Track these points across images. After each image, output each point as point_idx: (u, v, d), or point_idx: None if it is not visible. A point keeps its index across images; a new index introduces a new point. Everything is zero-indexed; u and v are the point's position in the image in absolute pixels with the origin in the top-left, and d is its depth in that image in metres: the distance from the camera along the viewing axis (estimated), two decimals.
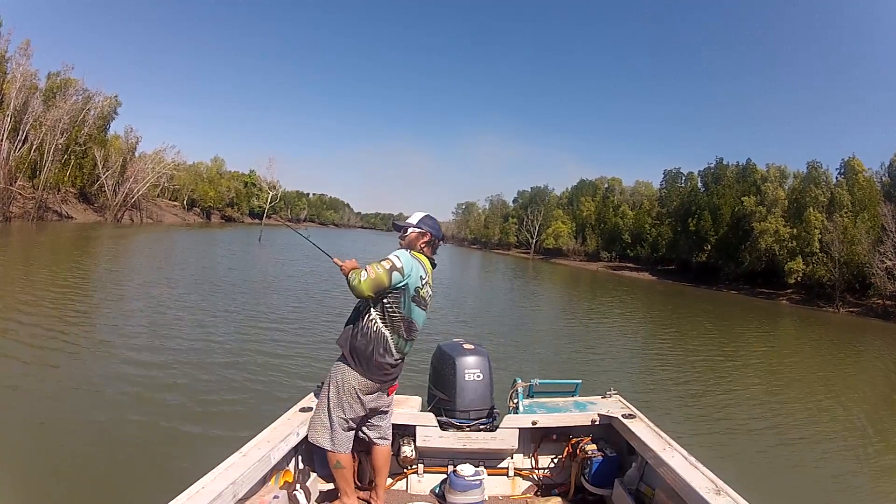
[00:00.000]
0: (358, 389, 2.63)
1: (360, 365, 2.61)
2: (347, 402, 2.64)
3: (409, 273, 2.57)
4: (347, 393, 2.64)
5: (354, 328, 2.65)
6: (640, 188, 73.70)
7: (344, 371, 2.64)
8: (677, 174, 63.24)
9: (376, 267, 2.51)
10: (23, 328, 8.66)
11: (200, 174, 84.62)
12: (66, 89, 48.42)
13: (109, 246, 28.19)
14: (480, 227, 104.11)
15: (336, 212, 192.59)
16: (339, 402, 2.64)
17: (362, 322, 2.63)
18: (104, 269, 18.47)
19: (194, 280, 16.85)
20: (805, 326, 26.44)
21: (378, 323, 2.61)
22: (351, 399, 2.64)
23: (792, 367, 13.79)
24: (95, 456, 4.80)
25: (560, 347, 12.42)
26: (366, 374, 2.62)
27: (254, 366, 7.89)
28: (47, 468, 4.50)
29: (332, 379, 2.68)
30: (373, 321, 2.61)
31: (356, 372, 2.61)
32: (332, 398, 2.65)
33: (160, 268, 19.76)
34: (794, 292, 40.50)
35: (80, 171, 51.13)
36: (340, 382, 2.64)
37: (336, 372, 2.68)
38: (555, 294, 29.80)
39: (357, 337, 2.62)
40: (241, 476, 2.24)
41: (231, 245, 37.37)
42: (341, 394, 2.64)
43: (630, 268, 60.11)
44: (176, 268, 20.00)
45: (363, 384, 2.63)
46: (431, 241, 2.81)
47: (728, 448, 6.65)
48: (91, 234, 35.26)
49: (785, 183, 47.36)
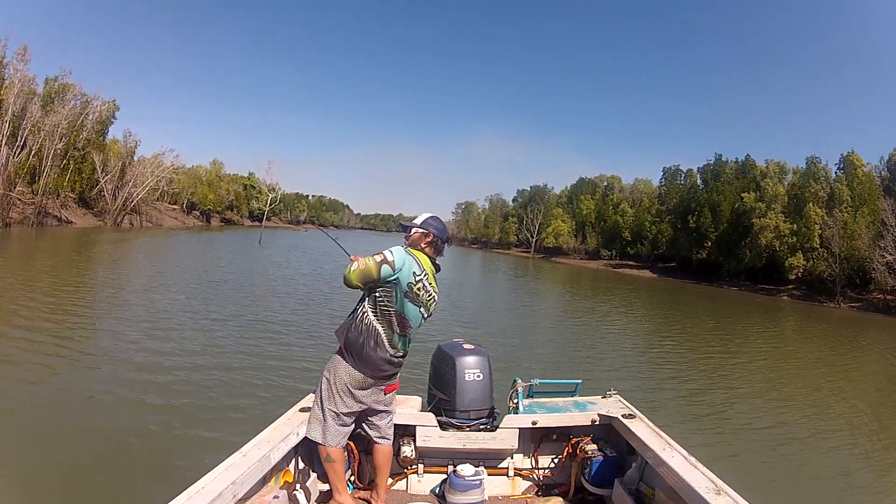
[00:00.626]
0: (348, 383, 2.65)
1: (353, 357, 2.63)
2: (339, 395, 2.66)
3: (401, 267, 2.59)
4: (338, 386, 2.66)
5: (350, 321, 2.69)
6: (639, 186, 73.92)
7: (337, 364, 2.67)
8: (676, 171, 63.24)
9: (367, 259, 2.57)
10: (22, 332, 8.65)
11: (199, 177, 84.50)
12: (64, 94, 48.32)
13: (110, 250, 28.24)
14: (480, 227, 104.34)
15: (336, 213, 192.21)
16: (330, 395, 2.67)
17: (356, 315, 2.67)
18: (104, 272, 18.50)
19: (194, 282, 16.86)
20: (806, 322, 26.43)
21: (370, 316, 2.64)
22: (342, 393, 2.66)
23: (793, 363, 13.77)
24: (96, 456, 4.81)
25: (560, 347, 12.40)
26: (357, 367, 2.63)
27: (254, 366, 7.90)
28: (47, 469, 4.51)
29: (327, 371, 2.72)
30: (365, 314, 2.64)
31: (348, 365, 2.64)
32: (325, 391, 2.69)
33: (160, 271, 19.81)
34: (795, 288, 40.58)
35: (79, 175, 51.07)
36: (332, 376, 2.67)
37: (330, 365, 2.71)
38: (555, 293, 29.79)
39: (351, 329, 2.66)
40: (241, 476, 2.25)
41: (231, 247, 37.43)
42: (332, 387, 2.67)
43: (631, 265, 60.16)
44: (176, 270, 20.04)
45: (354, 378, 2.64)
46: (434, 242, 2.81)
47: (728, 448, 6.66)
48: (91, 238, 35.28)
49: (784, 179, 47.44)
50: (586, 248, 71.05)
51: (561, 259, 70.49)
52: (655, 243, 59.12)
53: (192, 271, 20.17)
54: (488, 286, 29.67)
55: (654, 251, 59.30)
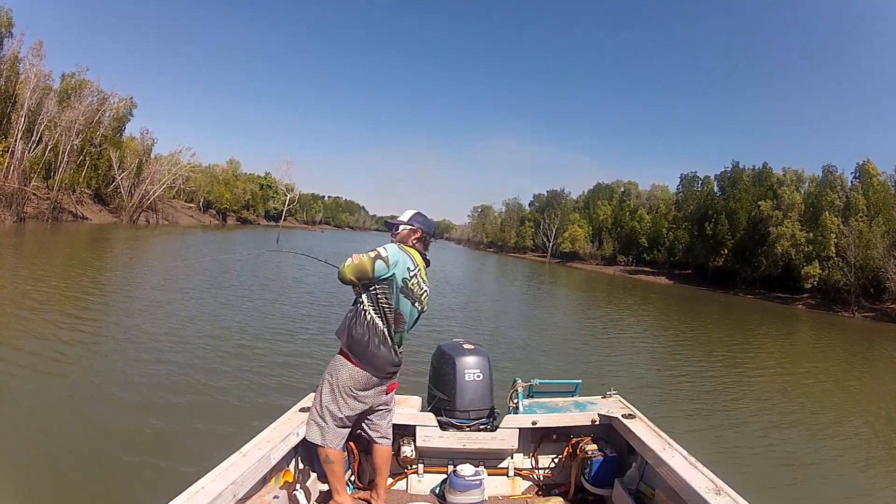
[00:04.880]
0: (352, 385, 2.65)
1: (357, 356, 2.64)
2: (341, 397, 2.66)
3: (395, 263, 2.63)
4: (341, 388, 2.66)
5: (351, 319, 2.71)
6: (656, 192, 73.66)
7: (339, 366, 2.68)
8: (694, 178, 63.17)
9: (362, 255, 2.62)
10: (27, 328, 8.78)
11: (216, 176, 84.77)
12: (80, 91, 48.62)
13: (126, 247, 28.55)
14: (496, 231, 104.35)
15: (351, 214, 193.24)
16: (332, 397, 2.67)
17: (358, 313, 2.70)
18: (120, 270, 18.55)
19: (210, 281, 16.83)
20: (818, 330, 26.43)
21: (371, 313, 2.67)
22: (344, 394, 2.66)
23: (797, 368, 13.93)
24: (96, 456, 4.81)
25: (571, 349, 12.61)
26: (362, 367, 2.64)
27: (255, 366, 7.89)
28: (48, 469, 4.52)
29: (328, 373, 2.72)
30: (366, 312, 2.67)
31: (353, 365, 2.65)
32: (326, 393, 2.68)
33: (177, 265, 19.95)
34: (811, 297, 40.40)
35: (95, 172, 51.42)
36: (334, 377, 2.67)
37: (332, 367, 2.72)
38: (570, 298, 29.98)
39: (354, 328, 2.67)
40: (241, 476, 2.25)
41: (248, 247, 37.51)
42: (335, 389, 2.67)
43: (647, 272, 60.05)
44: (193, 269, 19.58)
45: (358, 378, 2.65)
46: (423, 238, 2.86)
47: (728, 448, 6.71)
48: (108, 235, 35.50)
49: (801, 187, 47.28)
50: (603, 253, 71.00)
51: (577, 264, 70.61)
52: (672, 250, 58.90)
53: (209, 270, 19.88)
54: (504, 291, 29.76)
55: (671, 258, 59.07)
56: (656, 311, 26.65)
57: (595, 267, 68.05)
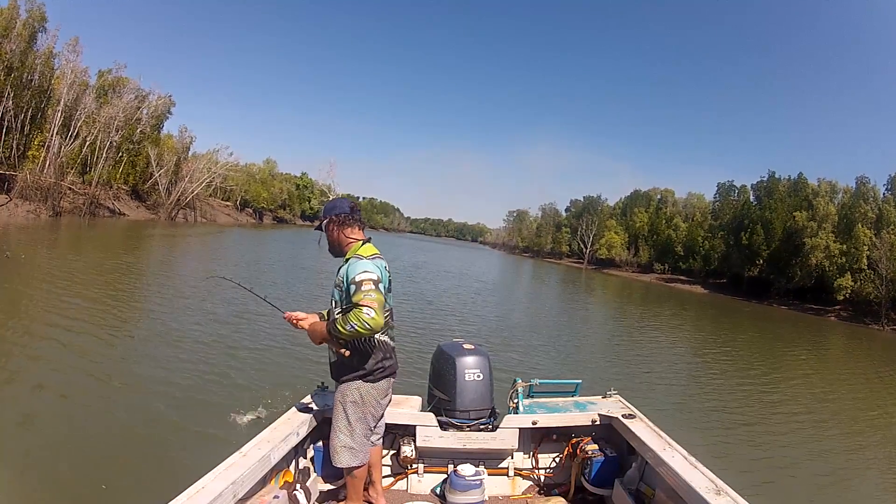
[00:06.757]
0: (376, 395, 2.65)
1: (369, 368, 2.61)
2: (370, 411, 2.65)
3: (382, 274, 2.55)
4: (368, 404, 2.63)
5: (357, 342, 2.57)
6: (692, 200, 74.01)
7: (356, 387, 2.62)
8: (730, 187, 63.56)
9: (367, 293, 2.38)
10: (29, 326, 8.77)
11: (253, 175, 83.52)
12: (119, 88, 48.23)
13: (167, 245, 28.84)
14: (532, 236, 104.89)
15: (386, 216, 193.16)
16: (362, 415, 2.63)
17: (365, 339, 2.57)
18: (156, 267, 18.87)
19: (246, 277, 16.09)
20: (842, 340, 26.76)
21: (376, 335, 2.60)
22: (373, 407, 2.65)
23: (812, 376, 14.03)
24: (96, 456, 4.79)
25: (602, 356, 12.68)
26: (378, 376, 2.64)
27: (256, 366, 7.88)
28: (48, 468, 4.49)
29: (347, 398, 2.63)
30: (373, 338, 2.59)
31: (367, 383, 2.61)
32: (353, 415, 2.62)
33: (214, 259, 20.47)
34: (843, 308, 40.81)
35: (132, 168, 50.80)
36: (358, 398, 2.62)
37: (348, 390, 2.63)
38: (605, 306, 29.85)
39: (363, 349, 2.59)
40: (241, 476, 2.24)
41: (287, 245, 38.72)
42: (362, 407, 2.63)
43: (682, 280, 60.54)
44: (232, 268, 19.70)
45: (382, 386, 2.66)
46: (351, 217, 2.70)
47: (728, 448, 6.73)
48: (150, 231, 35.86)
49: (835, 198, 47.57)
50: (639, 261, 71.56)
51: (613, 271, 71.33)
52: (707, 259, 59.10)
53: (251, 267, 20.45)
54: (539, 298, 29.57)
55: (707, 266, 59.23)
56: (690, 321, 26.32)
57: (631, 274, 68.83)
